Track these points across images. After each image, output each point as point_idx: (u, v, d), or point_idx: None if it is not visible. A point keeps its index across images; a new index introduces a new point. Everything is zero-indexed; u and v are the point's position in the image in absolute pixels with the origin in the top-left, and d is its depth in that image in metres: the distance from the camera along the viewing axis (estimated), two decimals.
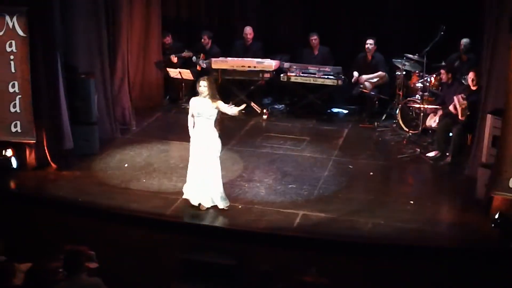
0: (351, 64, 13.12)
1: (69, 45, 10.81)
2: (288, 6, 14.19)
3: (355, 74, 12.91)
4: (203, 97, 8.77)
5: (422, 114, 11.41)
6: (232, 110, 8.88)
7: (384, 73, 12.79)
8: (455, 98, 10.50)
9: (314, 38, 13.31)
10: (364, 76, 12.79)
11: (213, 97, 8.75)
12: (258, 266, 7.81)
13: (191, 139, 8.92)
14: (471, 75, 10.55)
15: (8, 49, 10.01)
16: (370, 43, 12.77)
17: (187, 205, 9.06)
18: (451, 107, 10.76)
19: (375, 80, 12.75)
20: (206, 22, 14.61)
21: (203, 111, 8.77)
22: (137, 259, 8.21)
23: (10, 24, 9.93)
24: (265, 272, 7.17)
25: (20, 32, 9.95)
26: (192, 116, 8.88)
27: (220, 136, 8.95)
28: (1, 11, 9.89)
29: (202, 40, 13.74)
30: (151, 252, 8.36)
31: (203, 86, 8.74)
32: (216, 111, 8.80)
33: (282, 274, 6.90)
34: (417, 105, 11.61)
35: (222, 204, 9.01)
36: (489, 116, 9.28)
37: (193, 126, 8.89)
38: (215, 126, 8.88)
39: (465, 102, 10.32)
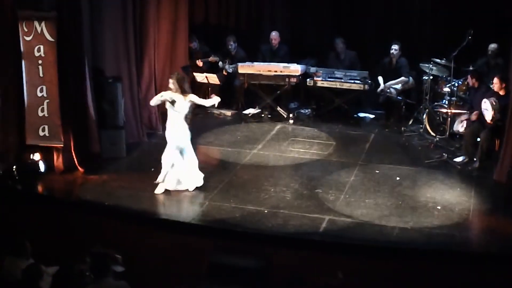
0: (377, 68, 13.06)
1: (97, 49, 10.90)
2: (315, 11, 14.15)
3: (380, 80, 12.83)
4: (174, 92, 9.47)
5: (449, 118, 11.33)
6: (207, 102, 9.93)
7: (406, 78, 12.71)
8: (484, 101, 10.39)
9: (341, 43, 13.26)
10: (387, 84, 12.72)
11: (183, 92, 9.47)
12: (284, 270, 7.82)
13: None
14: (495, 81, 10.50)
15: (37, 54, 10.11)
16: (395, 48, 12.70)
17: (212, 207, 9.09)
18: (473, 115, 10.71)
19: (399, 86, 12.68)
20: (233, 26, 14.63)
21: (175, 104, 9.46)
22: (163, 263, 8.23)
23: (39, 29, 10.02)
24: (291, 276, 7.17)
25: (49, 37, 10.05)
26: (164, 102, 9.62)
27: (190, 129, 9.73)
28: (30, 16, 9.99)
29: (228, 45, 13.76)
30: (178, 256, 8.38)
31: (171, 83, 9.47)
32: (189, 105, 9.53)
33: (309, 278, 6.89)
34: (444, 110, 11.53)
35: (192, 186, 9.69)
36: None
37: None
38: (185, 120, 9.60)
39: (497, 106, 10.21)
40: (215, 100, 9.90)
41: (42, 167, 10.31)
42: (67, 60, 10.10)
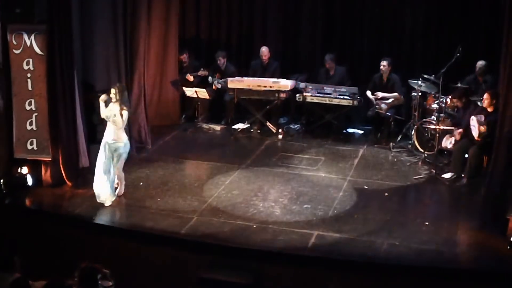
0: (368, 84, 13.10)
1: (87, 62, 10.91)
2: (306, 27, 14.22)
3: (368, 93, 12.87)
4: (113, 102, 9.60)
5: (437, 135, 11.37)
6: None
7: (400, 96, 12.76)
8: (472, 118, 10.43)
9: (330, 59, 13.28)
10: (380, 94, 12.75)
11: (120, 104, 9.56)
12: (274, 286, 7.81)
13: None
14: (485, 97, 10.55)
15: (26, 67, 10.11)
16: (384, 64, 12.74)
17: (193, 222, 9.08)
18: (456, 134, 10.77)
19: (390, 100, 12.72)
20: (224, 41, 14.66)
21: (111, 114, 9.58)
22: (152, 278, 8.20)
23: (28, 42, 10.03)
24: None
25: (38, 50, 10.06)
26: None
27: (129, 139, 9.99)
28: (19, 29, 9.99)
29: (218, 61, 13.78)
30: (166, 271, 8.36)
31: (112, 93, 9.56)
32: (121, 117, 9.61)
33: None
34: (433, 126, 11.57)
35: (108, 201, 9.74)
36: (506, 138, 9.24)
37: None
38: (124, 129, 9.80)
39: (485, 124, 10.25)
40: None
41: (30, 180, 10.27)
42: (57, 74, 10.06)
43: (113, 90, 9.57)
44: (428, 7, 13.35)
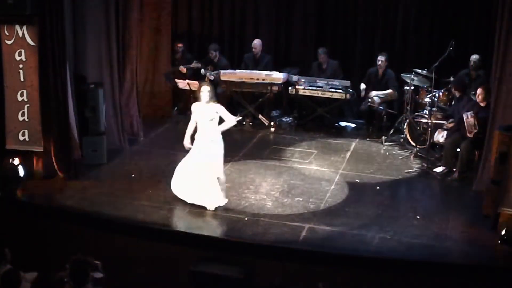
0: (361, 78, 13.11)
1: (79, 55, 10.87)
2: (299, 20, 14.20)
3: (362, 86, 12.89)
4: (205, 102, 9.18)
5: (429, 129, 11.39)
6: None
7: (394, 92, 12.77)
8: (464, 114, 10.46)
9: (323, 53, 13.29)
10: (374, 92, 12.77)
11: (214, 101, 9.29)
12: (265, 279, 7.82)
13: (187, 142, 9.47)
14: (479, 92, 10.55)
15: (18, 58, 10.07)
16: (381, 59, 12.75)
17: (188, 214, 9.08)
18: (448, 124, 10.82)
19: (383, 96, 12.73)
20: (217, 35, 14.64)
21: (207, 115, 9.23)
22: (144, 270, 8.20)
23: (20, 33, 9.99)
24: (272, 285, 7.16)
25: (30, 41, 10.02)
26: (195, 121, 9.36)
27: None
28: (11, 20, 9.94)
29: (210, 54, 13.77)
30: (158, 264, 8.36)
31: (206, 91, 9.21)
32: (218, 114, 9.26)
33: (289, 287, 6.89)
34: (425, 120, 11.59)
35: (210, 206, 9.27)
36: (497, 132, 9.26)
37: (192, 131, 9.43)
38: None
39: (473, 119, 10.27)
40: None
41: (21, 171, 10.24)
42: (49, 65, 10.03)
43: (206, 88, 9.26)
44: (420, 1, 13.35)
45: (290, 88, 13.11)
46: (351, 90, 12.85)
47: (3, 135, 10.25)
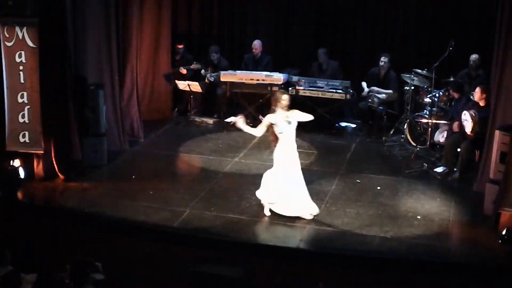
0: (361, 78, 13.11)
1: (79, 56, 10.86)
2: (299, 21, 14.20)
3: (364, 84, 12.89)
4: (285, 110, 9.02)
5: (430, 129, 11.39)
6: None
7: (394, 94, 12.76)
8: (464, 113, 10.45)
9: (323, 53, 13.29)
10: (375, 88, 12.76)
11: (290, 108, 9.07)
12: (265, 279, 7.81)
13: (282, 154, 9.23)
14: (477, 92, 10.56)
15: (18, 60, 10.09)
16: (384, 60, 12.76)
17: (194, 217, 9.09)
18: (455, 126, 10.78)
19: (384, 96, 12.72)
20: (217, 36, 14.64)
21: (293, 123, 9.10)
22: (144, 271, 8.20)
23: (20, 35, 10.00)
24: (273, 285, 7.16)
25: (30, 43, 10.03)
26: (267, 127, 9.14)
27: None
28: (11, 22, 9.95)
29: (211, 56, 13.76)
30: (158, 264, 8.35)
31: (285, 100, 8.99)
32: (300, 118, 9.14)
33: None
34: (425, 120, 11.59)
35: (308, 215, 9.18)
36: (497, 132, 9.27)
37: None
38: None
39: (476, 118, 10.27)
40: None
41: (22, 173, 10.25)
42: (49, 66, 10.04)
43: (286, 97, 9.05)
44: (420, 1, 13.36)
45: (290, 88, 13.08)
46: (351, 91, 12.84)
47: (3, 137, 10.25)
